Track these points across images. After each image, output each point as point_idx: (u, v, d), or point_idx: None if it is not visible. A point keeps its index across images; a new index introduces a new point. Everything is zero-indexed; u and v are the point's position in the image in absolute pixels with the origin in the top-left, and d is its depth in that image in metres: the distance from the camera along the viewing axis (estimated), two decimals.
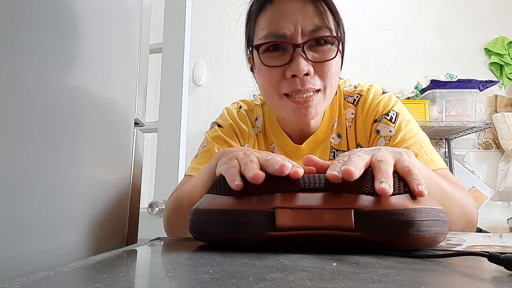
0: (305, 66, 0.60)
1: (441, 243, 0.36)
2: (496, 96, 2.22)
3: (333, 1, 0.64)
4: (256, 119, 0.77)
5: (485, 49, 2.28)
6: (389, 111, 0.68)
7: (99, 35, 0.41)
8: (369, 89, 0.73)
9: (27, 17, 0.29)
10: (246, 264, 0.26)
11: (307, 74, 0.60)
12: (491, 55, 2.27)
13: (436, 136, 2.18)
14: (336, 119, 0.74)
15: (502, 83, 2.25)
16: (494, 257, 0.24)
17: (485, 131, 2.22)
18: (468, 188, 2.15)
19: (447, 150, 2.19)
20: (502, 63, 2.24)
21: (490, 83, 2.00)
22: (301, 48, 0.60)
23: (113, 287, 0.20)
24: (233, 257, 0.30)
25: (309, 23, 0.61)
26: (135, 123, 0.51)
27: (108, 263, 0.28)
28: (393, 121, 0.67)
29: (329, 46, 0.62)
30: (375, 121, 0.69)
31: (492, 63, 2.27)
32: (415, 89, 2.10)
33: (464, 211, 0.54)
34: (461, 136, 2.15)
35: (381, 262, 0.27)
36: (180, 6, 1.31)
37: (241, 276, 0.22)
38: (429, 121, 1.93)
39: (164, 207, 0.62)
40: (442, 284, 0.21)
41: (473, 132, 2.13)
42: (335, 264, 0.26)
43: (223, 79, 2.27)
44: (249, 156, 0.39)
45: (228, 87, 2.26)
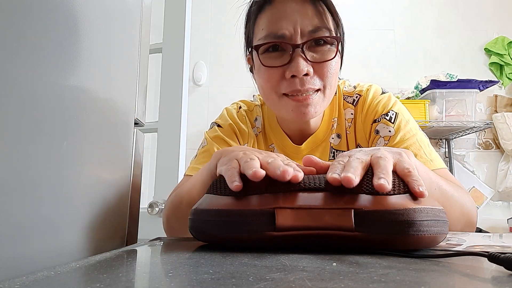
0: (304, 66, 0.60)
1: (441, 243, 0.36)
2: (496, 96, 2.22)
3: (332, 2, 0.64)
4: (256, 119, 0.77)
5: (485, 49, 2.28)
6: (389, 111, 0.68)
7: (99, 35, 0.41)
8: (368, 89, 0.73)
9: (27, 17, 0.29)
10: (246, 264, 0.26)
11: (306, 75, 0.60)
12: (491, 55, 2.27)
13: (436, 136, 2.18)
14: (336, 119, 0.74)
15: (502, 83, 2.25)
16: (494, 257, 0.24)
17: (485, 131, 2.22)
18: (468, 188, 2.15)
19: (447, 150, 2.19)
20: (502, 63, 2.24)
21: (490, 83, 2.00)
22: (300, 49, 0.60)
23: (113, 287, 0.20)
24: (233, 257, 0.30)
25: (308, 23, 0.61)
26: (135, 123, 0.51)
27: (108, 263, 0.28)
28: (392, 121, 0.67)
29: (328, 46, 0.62)
30: (374, 121, 0.69)
31: (492, 63, 2.27)
32: (415, 89, 2.10)
33: (463, 211, 0.54)
34: (461, 136, 2.15)
35: (381, 262, 0.27)
36: (180, 6, 1.31)
37: (241, 276, 0.22)
38: (429, 121, 1.93)
39: (164, 207, 0.62)
40: (442, 284, 0.21)
41: (473, 132, 2.13)
42: (335, 264, 0.26)
43: (223, 79, 2.27)
44: (250, 155, 0.39)
45: (228, 87, 2.26)
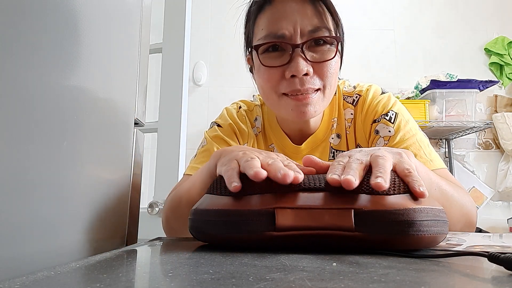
0: (304, 66, 0.60)
1: (441, 243, 0.36)
2: (496, 96, 2.22)
3: (332, 2, 0.64)
4: (256, 119, 0.77)
5: (485, 49, 2.28)
6: (388, 111, 0.68)
7: (99, 35, 0.41)
8: (368, 89, 0.73)
9: (27, 17, 0.29)
10: (246, 264, 0.26)
11: (306, 74, 0.60)
12: (491, 55, 2.27)
13: (436, 136, 2.18)
14: (336, 119, 0.74)
15: (502, 83, 2.25)
16: (494, 257, 0.24)
17: (485, 131, 2.22)
18: (468, 188, 2.15)
19: (447, 150, 2.19)
20: (502, 63, 2.24)
21: (490, 83, 2.00)
22: (300, 49, 0.60)
23: (113, 287, 0.20)
24: (233, 257, 0.30)
25: (308, 23, 0.61)
26: (135, 123, 0.51)
27: (108, 263, 0.28)
28: (392, 121, 0.67)
29: (328, 46, 0.63)
30: (374, 121, 0.69)
31: (492, 63, 2.27)
32: (415, 89, 2.10)
33: (463, 211, 0.54)
34: (461, 136, 2.15)
35: (381, 262, 0.27)
36: (180, 6, 1.31)
37: (241, 276, 0.22)
38: (429, 121, 1.93)
39: (163, 206, 0.62)
40: (442, 284, 0.21)
41: (473, 132, 2.13)
42: (335, 264, 0.26)
43: (223, 79, 2.27)
44: (250, 155, 0.39)
45: (228, 87, 2.26)
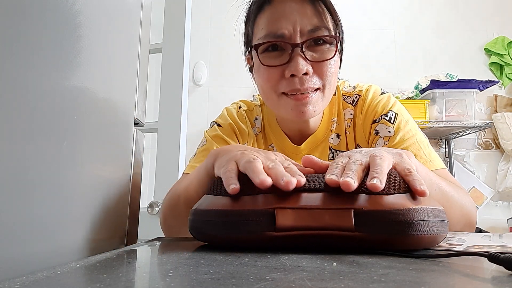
0: (303, 65, 0.60)
1: (441, 243, 0.36)
2: (496, 96, 2.22)
3: (331, 1, 0.64)
4: (256, 119, 0.77)
5: (485, 49, 2.28)
6: (388, 112, 0.68)
7: (99, 35, 0.41)
8: (368, 89, 0.73)
9: (27, 17, 0.29)
10: (246, 264, 0.26)
11: (306, 74, 0.60)
12: (491, 55, 2.27)
13: (436, 136, 2.18)
14: (335, 119, 0.74)
15: (502, 83, 2.25)
16: (494, 257, 0.24)
17: (485, 131, 2.22)
18: (468, 188, 2.15)
19: (447, 150, 2.19)
20: (502, 63, 2.24)
21: (490, 83, 2.00)
22: (299, 48, 0.60)
23: (113, 287, 0.20)
24: (233, 257, 0.30)
25: (307, 23, 0.61)
26: (135, 123, 0.51)
27: (108, 263, 0.28)
28: (392, 121, 0.67)
29: (327, 46, 0.63)
30: (374, 121, 0.69)
31: (492, 63, 2.27)
32: (415, 89, 2.10)
33: (463, 211, 0.54)
34: (461, 136, 2.15)
35: (381, 262, 0.27)
36: (180, 6, 1.31)
37: (241, 276, 0.22)
38: (429, 121, 1.93)
39: (161, 205, 0.62)
40: (442, 284, 0.21)
41: (473, 132, 2.13)
42: (335, 264, 0.26)
43: (223, 79, 2.27)
44: (249, 155, 0.39)
45: (228, 87, 2.26)
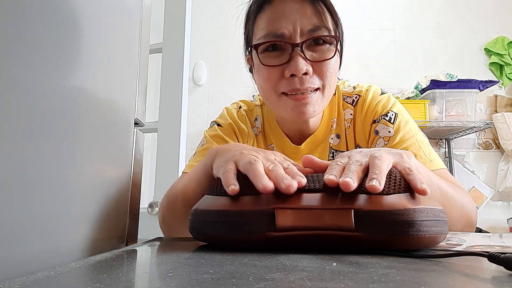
0: (303, 65, 0.60)
1: (441, 243, 0.36)
2: (496, 96, 2.22)
3: (331, 1, 0.64)
4: (256, 119, 0.77)
5: (485, 49, 2.28)
6: (388, 112, 0.68)
7: (99, 35, 0.41)
8: (368, 89, 0.73)
9: (27, 17, 0.29)
10: (246, 264, 0.26)
11: (305, 74, 0.60)
12: (491, 55, 2.27)
13: (436, 136, 2.18)
14: (335, 119, 0.74)
15: (502, 83, 2.25)
16: (494, 257, 0.24)
17: (485, 131, 2.22)
18: (468, 188, 2.15)
19: (447, 150, 2.19)
20: (502, 63, 2.24)
21: (490, 83, 2.00)
22: (299, 48, 0.60)
23: (113, 287, 0.20)
24: (233, 257, 0.30)
25: (307, 22, 0.61)
26: (135, 123, 0.51)
27: (108, 263, 0.28)
28: (392, 121, 0.67)
29: (327, 45, 0.63)
30: (374, 121, 0.69)
31: (492, 63, 2.27)
32: (415, 89, 2.10)
33: (463, 211, 0.54)
34: (461, 136, 2.15)
35: (381, 262, 0.27)
36: (180, 6, 1.31)
37: (241, 276, 0.22)
38: (429, 121, 1.93)
39: (160, 204, 0.62)
40: (442, 284, 0.21)
41: (473, 132, 2.13)
42: (335, 264, 0.26)
43: (223, 79, 2.27)
44: (248, 155, 0.39)
45: (228, 87, 2.26)
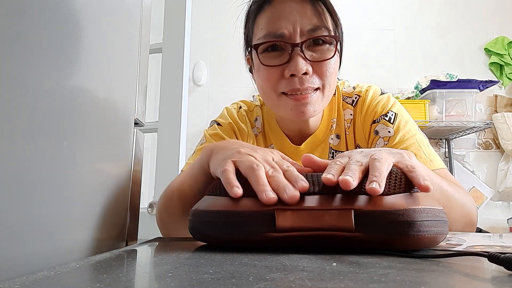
0: (303, 65, 0.60)
1: (441, 243, 0.36)
2: (496, 96, 2.22)
3: (331, 1, 0.64)
4: (256, 119, 0.77)
5: (485, 49, 2.28)
6: (388, 112, 0.68)
7: (99, 35, 0.41)
8: (367, 90, 0.73)
9: (27, 17, 0.29)
10: (246, 264, 0.26)
11: (305, 73, 0.60)
12: (491, 55, 2.27)
13: (436, 136, 2.18)
14: (335, 120, 0.74)
15: (502, 83, 2.25)
16: (494, 257, 0.24)
17: (485, 131, 2.22)
18: (468, 188, 2.15)
19: (447, 150, 2.19)
20: (502, 63, 2.24)
21: (490, 83, 2.00)
22: (299, 48, 0.60)
23: (113, 287, 0.20)
24: (233, 257, 0.30)
25: (307, 23, 0.61)
26: (135, 123, 0.51)
27: (108, 263, 0.28)
28: (391, 121, 0.67)
29: (327, 46, 0.63)
30: (373, 122, 0.69)
31: (492, 63, 2.27)
32: (415, 89, 2.10)
33: (464, 211, 0.54)
34: (461, 136, 2.15)
35: (381, 262, 0.27)
36: (180, 6, 1.31)
37: (241, 276, 0.22)
38: (429, 121, 1.93)
39: (157, 202, 0.62)
40: (442, 284, 0.21)
41: (473, 132, 2.13)
42: (335, 264, 0.26)
43: (223, 79, 2.27)
44: (246, 156, 0.39)
45: (228, 87, 2.26)
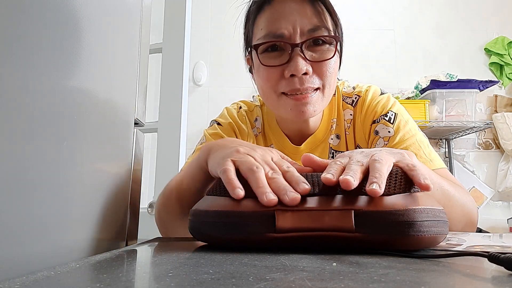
0: (303, 65, 0.60)
1: (441, 243, 0.36)
2: (496, 96, 2.22)
3: (330, 2, 0.64)
4: (256, 119, 0.77)
5: (485, 49, 2.28)
6: (388, 112, 0.68)
7: (99, 35, 0.41)
8: (367, 90, 0.73)
9: (27, 17, 0.29)
10: (246, 264, 0.26)
11: (305, 74, 0.60)
12: (491, 55, 2.27)
13: (436, 136, 2.18)
14: (335, 120, 0.74)
15: (502, 83, 2.25)
16: (494, 257, 0.24)
17: (485, 131, 2.22)
18: (468, 188, 2.15)
19: (447, 150, 2.19)
20: (502, 63, 2.24)
21: (490, 83, 2.00)
22: (299, 48, 0.60)
23: (113, 287, 0.20)
24: (233, 257, 0.30)
25: (307, 23, 0.61)
26: (135, 123, 0.50)
27: (108, 263, 0.28)
28: (391, 121, 0.67)
29: (327, 46, 0.63)
30: (373, 122, 0.69)
31: (492, 63, 2.27)
32: (415, 89, 2.10)
33: (465, 211, 0.54)
34: (461, 136, 2.15)
35: (381, 262, 0.27)
36: (180, 6, 1.31)
37: (241, 276, 0.22)
38: (429, 121, 1.93)
39: (156, 201, 0.62)
40: (442, 284, 0.21)
41: (473, 132, 2.13)
42: (335, 264, 0.26)
43: (223, 79, 2.27)
44: (245, 156, 0.39)
45: (228, 87, 2.26)
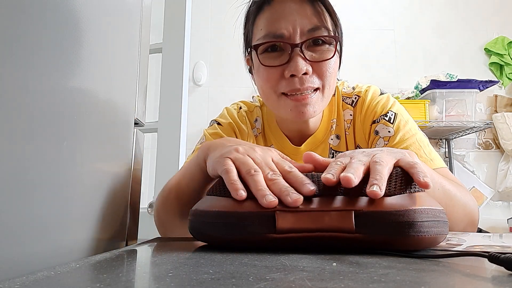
0: (303, 65, 0.60)
1: (441, 243, 0.36)
2: (496, 96, 2.22)
3: (330, 2, 0.64)
4: (256, 120, 0.77)
5: (485, 49, 2.28)
6: (388, 112, 0.68)
7: (99, 35, 0.41)
8: (367, 90, 0.73)
9: (27, 17, 0.29)
10: (246, 264, 0.26)
11: (305, 74, 0.60)
12: (491, 55, 2.27)
13: (436, 136, 2.18)
14: (335, 120, 0.74)
15: (502, 83, 2.25)
16: (494, 257, 0.24)
17: (485, 131, 2.22)
18: (468, 188, 2.15)
19: (447, 150, 2.19)
20: (502, 63, 2.24)
21: (490, 83, 2.00)
22: (299, 48, 0.60)
23: (113, 287, 0.20)
24: (233, 257, 0.30)
25: (307, 23, 0.61)
26: (135, 123, 0.51)
27: (108, 263, 0.28)
28: (391, 121, 0.67)
29: (327, 46, 0.63)
30: (373, 122, 0.69)
31: (492, 63, 2.27)
32: (415, 89, 2.10)
33: (466, 210, 0.54)
34: (461, 136, 2.15)
35: (381, 262, 0.27)
36: (180, 6, 1.31)
37: (241, 276, 0.22)
38: (429, 121, 1.93)
39: (155, 201, 0.62)
40: (442, 284, 0.21)
41: (473, 132, 2.13)
42: (335, 264, 0.26)
43: (223, 79, 2.27)
44: (244, 157, 0.39)
45: (228, 87, 2.26)
